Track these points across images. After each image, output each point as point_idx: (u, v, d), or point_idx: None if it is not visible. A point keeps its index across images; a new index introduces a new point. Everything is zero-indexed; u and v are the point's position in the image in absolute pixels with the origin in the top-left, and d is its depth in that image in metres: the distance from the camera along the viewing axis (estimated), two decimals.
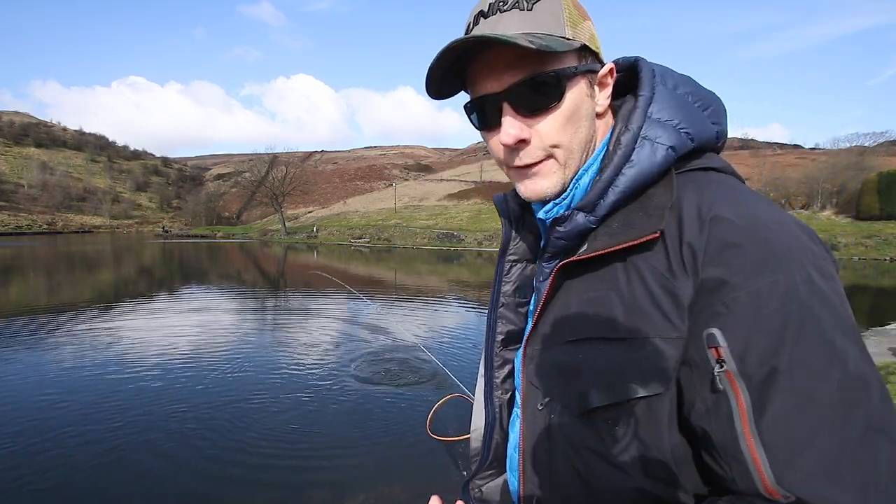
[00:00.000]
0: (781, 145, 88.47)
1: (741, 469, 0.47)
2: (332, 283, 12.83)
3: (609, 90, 0.63)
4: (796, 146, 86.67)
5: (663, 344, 0.52)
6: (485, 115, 0.61)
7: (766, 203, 0.54)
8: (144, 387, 5.37)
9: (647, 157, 0.57)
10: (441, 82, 0.61)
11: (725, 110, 0.65)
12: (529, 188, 0.62)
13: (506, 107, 0.58)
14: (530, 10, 0.56)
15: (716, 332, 0.49)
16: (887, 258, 26.14)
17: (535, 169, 0.61)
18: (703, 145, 0.61)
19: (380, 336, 8.08)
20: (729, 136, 0.66)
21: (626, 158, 0.58)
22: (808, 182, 37.27)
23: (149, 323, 8.94)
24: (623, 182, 0.58)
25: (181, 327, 8.53)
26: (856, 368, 0.46)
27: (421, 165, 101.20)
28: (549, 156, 0.60)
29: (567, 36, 0.57)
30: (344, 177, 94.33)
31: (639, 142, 0.58)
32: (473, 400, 0.82)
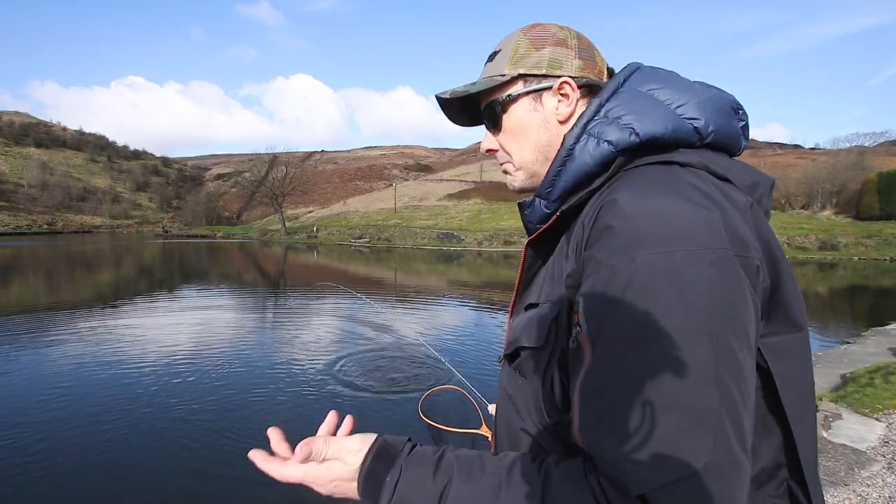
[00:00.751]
0: (781, 145, 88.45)
1: (572, 422, 0.56)
2: (333, 283, 12.82)
3: (568, 99, 0.72)
4: (796, 146, 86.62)
5: (550, 306, 0.63)
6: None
7: (679, 195, 0.55)
8: (146, 385, 5.37)
9: (587, 151, 0.65)
10: (458, 117, 0.84)
11: (722, 105, 0.68)
12: (509, 185, 0.82)
13: (485, 124, 0.80)
14: (492, 60, 0.76)
15: (579, 298, 0.56)
16: (887, 258, 26.14)
17: (504, 168, 0.81)
18: (664, 140, 0.63)
19: (382, 334, 8.08)
20: None
21: (568, 153, 0.67)
22: (808, 182, 37.27)
23: (149, 322, 8.93)
24: (565, 174, 0.67)
25: (183, 327, 8.53)
26: (655, 361, 0.49)
27: (421, 165, 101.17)
28: (507, 161, 0.79)
29: (504, 73, 0.73)
30: (344, 177, 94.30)
31: (582, 138, 0.66)
32: (468, 394, 0.89)
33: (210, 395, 5.12)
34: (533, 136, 0.75)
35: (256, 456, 0.62)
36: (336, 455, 0.62)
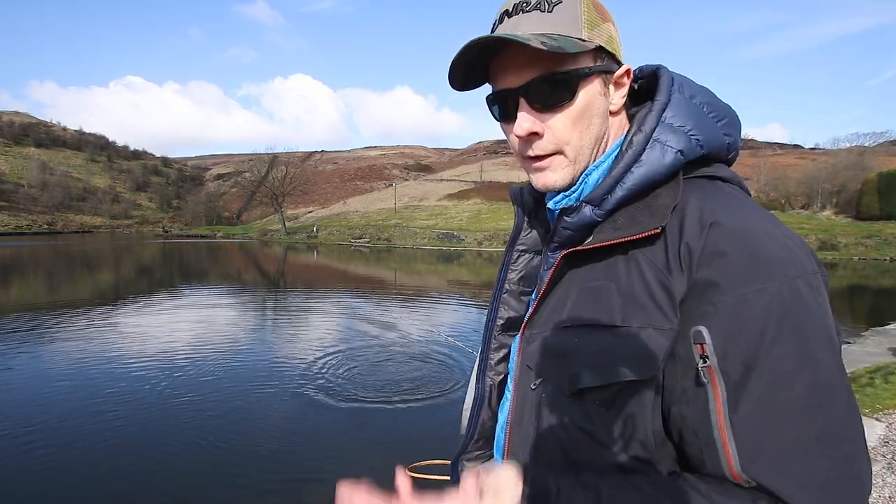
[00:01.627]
0: (781, 145, 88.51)
1: (712, 454, 0.53)
2: (335, 283, 12.82)
3: (624, 90, 0.66)
4: (796, 146, 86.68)
5: (656, 334, 0.56)
6: (504, 108, 0.66)
7: (765, 216, 0.57)
8: (148, 382, 5.38)
9: (657, 158, 0.61)
10: (465, 76, 0.66)
11: (740, 124, 0.68)
12: (540, 180, 0.67)
13: (522, 102, 0.62)
14: (550, 11, 0.60)
15: (703, 329, 0.53)
16: (887, 258, 26.14)
17: (545, 162, 0.65)
18: (713, 154, 0.64)
19: (386, 333, 8.09)
20: None
21: (637, 158, 0.61)
22: (808, 182, 37.27)
23: (153, 321, 8.94)
24: (631, 180, 0.61)
25: (183, 325, 8.53)
26: (825, 378, 0.50)
27: (421, 165, 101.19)
28: (559, 151, 0.64)
29: (582, 37, 0.60)
30: (344, 177, 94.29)
31: (650, 143, 0.61)
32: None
33: (211, 394, 5.13)
34: (596, 123, 0.65)
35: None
36: (494, 490, 0.55)
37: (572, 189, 0.67)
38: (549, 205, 0.71)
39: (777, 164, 49.63)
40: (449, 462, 0.89)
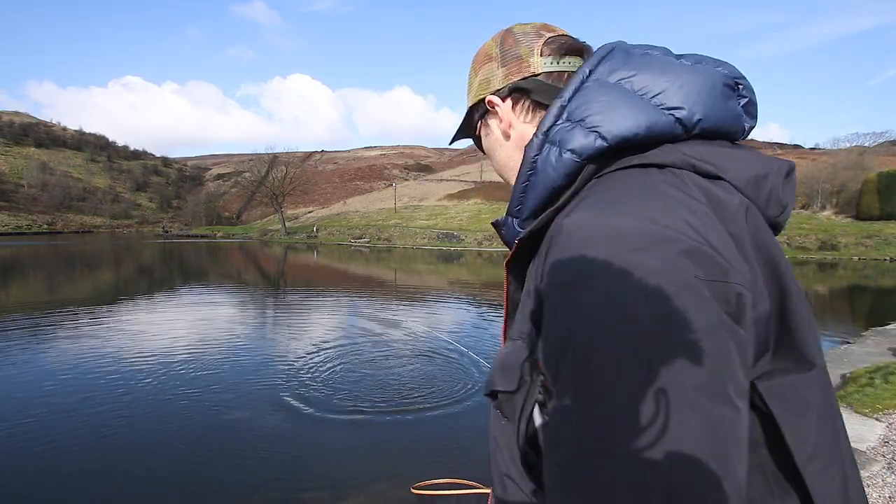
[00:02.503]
0: (781, 145, 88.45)
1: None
2: (335, 283, 12.83)
3: (502, 111, 0.71)
4: (796, 146, 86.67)
5: (521, 346, 0.54)
6: None
7: (636, 215, 0.47)
8: (144, 383, 5.38)
9: (549, 163, 0.57)
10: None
11: (712, 85, 0.56)
12: None
13: None
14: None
15: (540, 342, 0.50)
16: (887, 258, 26.14)
17: None
18: (640, 139, 0.54)
19: (387, 334, 8.09)
20: None
21: (531, 166, 0.59)
22: (808, 182, 37.24)
23: (152, 320, 8.94)
24: (532, 189, 0.59)
25: (185, 326, 8.54)
26: (614, 410, 0.41)
27: (421, 165, 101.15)
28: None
29: (468, 104, 0.77)
30: (344, 177, 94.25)
31: (545, 147, 0.58)
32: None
33: (210, 394, 5.13)
34: (496, 157, 0.75)
35: None
36: None
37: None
38: None
39: None
40: (457, 480, 0.91)
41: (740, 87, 0.58)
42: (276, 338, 8.02)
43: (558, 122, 0.57)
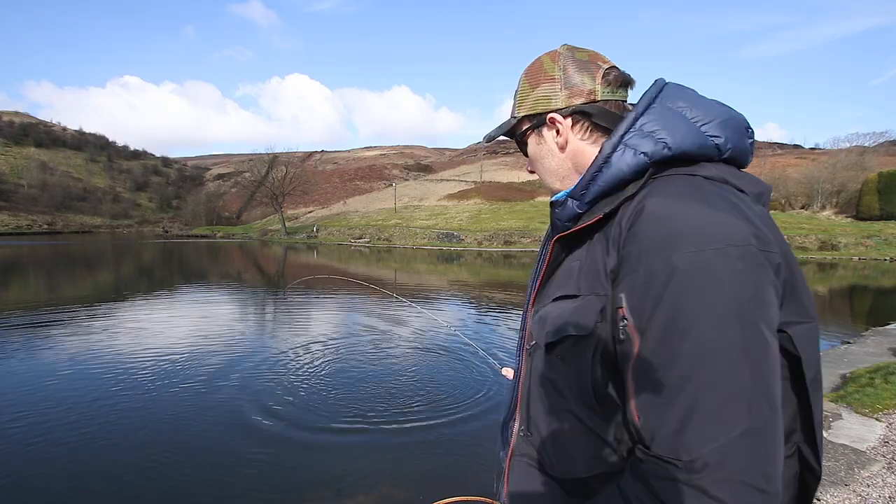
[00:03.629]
0: (781, 145, 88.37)
1: (625, 395, 0.66)
2: (335, 282, 12.79)
3: (560, 131, 0.84)
4: (796, 146, 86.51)
5: (595, 299, 0.71)
6: None
7: (704, 201, 0.65)
8: (156, 383, 5.38)
9: (623, 160, 0.73)
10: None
11: (737, 126, 0.76)
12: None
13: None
14: (513, 98, 0.92)
15: (622, 295, 0.66)
16: (887, 258, 26.11)
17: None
18: (693, 154, 0.73)
19: (389, 334, 8.07)
20: None
21: (605, 160, 0.75)
22: (808, 182, 37.24)
23: (151, 319, 8.93)
24: (600, 179, 0.75)
25: (184, 326, 8.53)
26: (698, 341, 0.59)
27: (421, 165, 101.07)
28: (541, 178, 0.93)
29: (515, 115, 0.90)
30: (344, 177, 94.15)
31: (619, 148, 0.74)
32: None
33: (209, 393, 5.13)
34: (545, 163, 0.89)
35: None
36: None
37: (565, 192, 0.84)
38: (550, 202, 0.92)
39: (777, 164, 49.57)
40: (480, 498, 1.13)
41: (749, 130, 0.78)
42: (276, 337, 8.01)
43: (631, 131, 0.75)
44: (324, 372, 6.01)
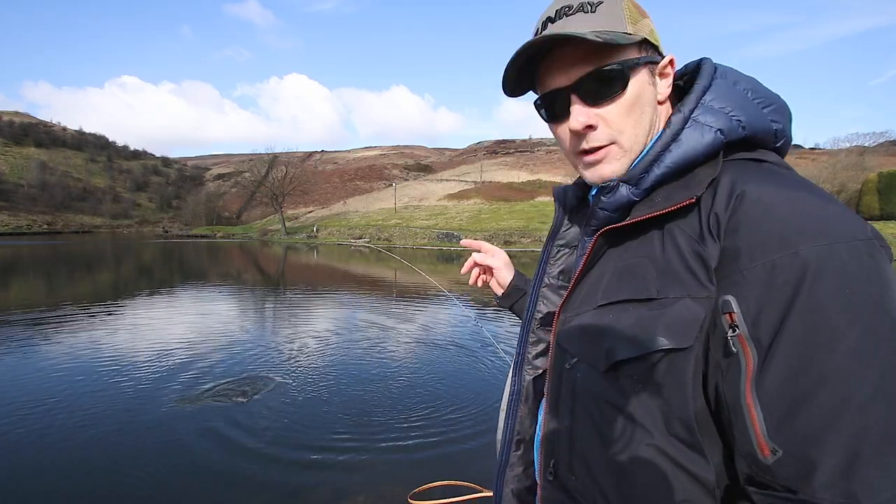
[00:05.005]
0: None
1: (741, 425, 0.51)
2: (335, 282, 12.76)
3: (669, 80, 0.68)
4: (796, 146, 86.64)
5: (693, 303, 0.55)
6: (553, 109, 0.69)
7: (809, 188, 0.55)
8: (165, 383, 5.37)
9: (695, 137, 0.61)
10: (516, 81, 0.70)
11: (790, 113, 0.67)
12: (595, 174, 0.68)
13: (574, 98, 0.65)
14: (594, 12, 0.64)
15: (730, 298, 0.52)
16: None
17: (600, 154, 0.67)
18: (758, 138, 0.63)
19: (390, 336, 8.07)
20: None
21: (674, 137, 0.63)
22: None
23: (150, 318, 8.92)
24: (668, 158, 0.62)
25: (183, 325, 8.52)
26: (852, 349, 0.47)
27: (421, 165, 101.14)
28: (613, 141, 0.66)
29: (628, 31, 0.63)
30: (344, 177, 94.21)
31: (689, 123, 0.63)
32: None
33: (207, 392, 5.12)
34: (648, 112, 0.67)
35: None
36: None
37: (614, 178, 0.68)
38: (594, 192, 0.73)
39: None
40: (455, 483, 0.95)
41: None
42: (277, 337, 8.00)
43: (700, 107, 0.64)
44: (324, 371, 6.00)
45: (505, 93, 0.72)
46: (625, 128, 0.65)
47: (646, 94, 0.66)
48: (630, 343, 0.58)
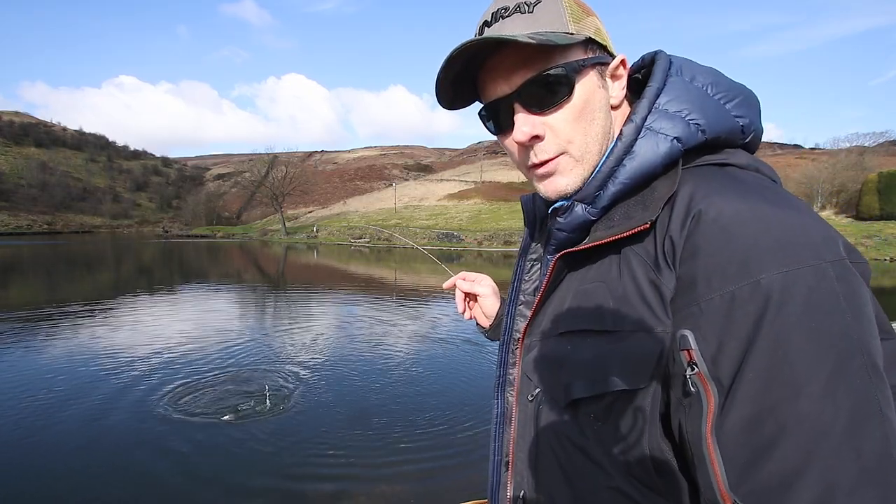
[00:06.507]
0: (781, 145, 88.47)
1: (703, 472, 0.47)
2: (335, 282, 12.76)
3: (623, 81, 0.62)
4: (796, 146, 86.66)
5: (647, 338, 0.52)
6: (498, 119, 0.63)
7: (774, 199, 0.50)
8: (167, 383, 5.37)
9: (650, 148, 0.56)
10: (453, 93, 0.64)
11: (758, 104, 0.62)
12: (549, 187, 0.63)
13: (517, 106, 0.60)
14: (531, 12, 0.58)
15: (687, 333, 0.48)
16: (887, 258, 26.13)
17: (550, 166, 0.61)
18: (723, 139, 0.58)
19: (391, 337, 8.07)
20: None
21: (627, 149, 0.57)
22: (808, 182, 37.25)
23: (149, 318, 8.93)
24: (623, 173, 0.57)
25: (182, 324, 8.52)
26: (819, 390, 0.42)
27: (421, 165, 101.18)
28: (563, 152, 0.60)
29: (570, 31, 0.58)
30: (344, 177, 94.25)
31: (642, 132, 0.57)
32: None
33: (209, 391, 5.12)
34: (599, 118, 0.61)
35: None
36: None
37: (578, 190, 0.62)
38: (551, 209, 0.67)
39: (777, 164, 49.46)
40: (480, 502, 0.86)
41: None
42: (277, 336, 8.00)
43: (654, 112, 0.58)
44: (325, 370, 6.01)
45: (441, 105, 0.65)
46: (574, 137, 0.60)
47: (595, 98, 0.60)
48: (586, 381, 0.56)
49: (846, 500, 0.41)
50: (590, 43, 0.60)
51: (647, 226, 0.54)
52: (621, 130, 0.59)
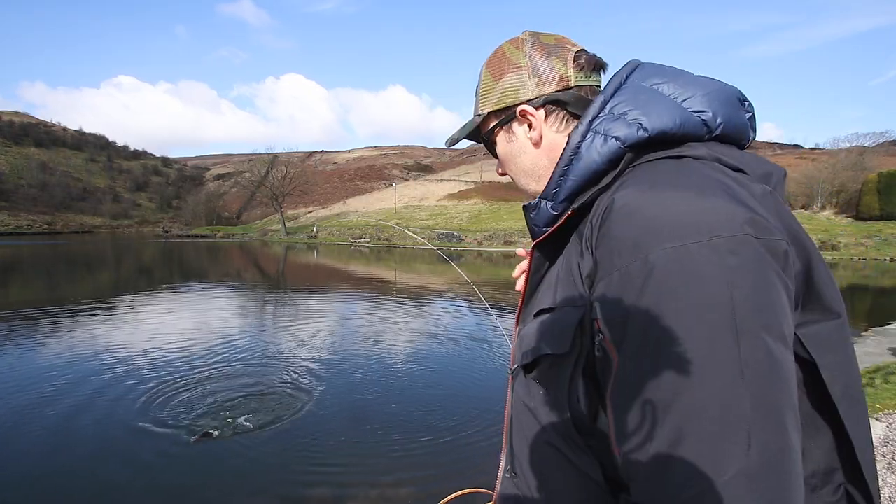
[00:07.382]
0: (781, 145, 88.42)
1: (609, 428, 0.53)
2: (335, 282, 12.75)
3: (534, 123, 0.74)
4: (796, 146, 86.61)
5: (572, 310, 0.60)
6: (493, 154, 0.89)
7: (687, 185, 0.54)
8: (171, 383, 5.37)
9: (594, 149, 0.63)
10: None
11: (729, 96, 0.66)
12: (527, 191, 0.82)
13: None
14: (476, 95, 0.82)
15: (596, 304, 0.55)
16: (887, 258, 26.10)
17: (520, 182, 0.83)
18: (679, 134, 0.62)
19: (391, 337, 8.07)
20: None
21: (574, 152, 0.65)
22: (808, 182, 37.22)
23: (150, 318, 8.93)
24: (572, 173, 0.65)
25: (182, 324, 8.52)
26: (683, 359, 0.46)
27: (421, 165, 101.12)
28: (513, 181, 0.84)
29: (479, 113, 0.80)
30: (344, 177, 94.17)
31: (588, 135, 0.65)
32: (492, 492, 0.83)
33: (212, 391, 5.12)
34: (518, 163, 0.78)
35: None
36: None
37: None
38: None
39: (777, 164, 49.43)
40: (480, 490, 1.01)
41: (746, 103, 0.68)
42: (276, 335, 8.01)
43: (601, 115, 0.65)
44: (326, 369, 6.01)
45: (447, 146, 0.90)
46: (512, 172, 0.81)
47: (512, 148, 0.78)
48: (531, 349, 0.65)
49: (696, 443, 0.45)
50: (494, 113, 0.78)
51: (571, 213, 0.65)
52: (569, 136, 0.67)
